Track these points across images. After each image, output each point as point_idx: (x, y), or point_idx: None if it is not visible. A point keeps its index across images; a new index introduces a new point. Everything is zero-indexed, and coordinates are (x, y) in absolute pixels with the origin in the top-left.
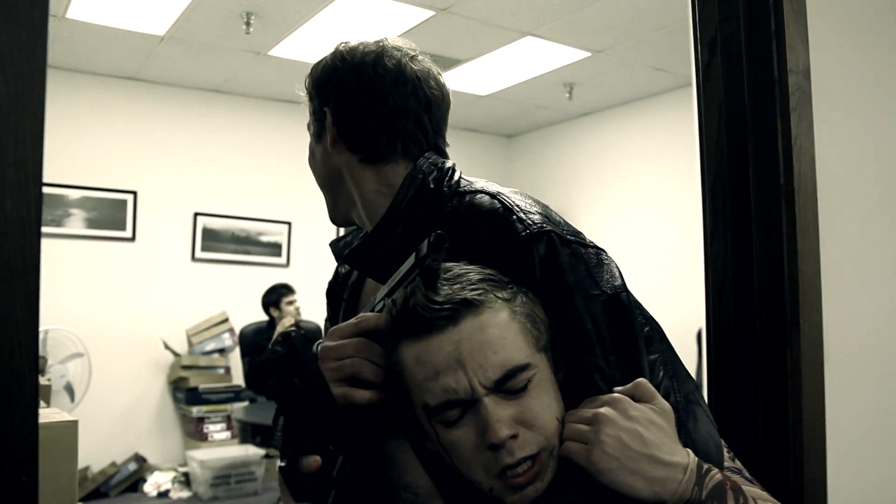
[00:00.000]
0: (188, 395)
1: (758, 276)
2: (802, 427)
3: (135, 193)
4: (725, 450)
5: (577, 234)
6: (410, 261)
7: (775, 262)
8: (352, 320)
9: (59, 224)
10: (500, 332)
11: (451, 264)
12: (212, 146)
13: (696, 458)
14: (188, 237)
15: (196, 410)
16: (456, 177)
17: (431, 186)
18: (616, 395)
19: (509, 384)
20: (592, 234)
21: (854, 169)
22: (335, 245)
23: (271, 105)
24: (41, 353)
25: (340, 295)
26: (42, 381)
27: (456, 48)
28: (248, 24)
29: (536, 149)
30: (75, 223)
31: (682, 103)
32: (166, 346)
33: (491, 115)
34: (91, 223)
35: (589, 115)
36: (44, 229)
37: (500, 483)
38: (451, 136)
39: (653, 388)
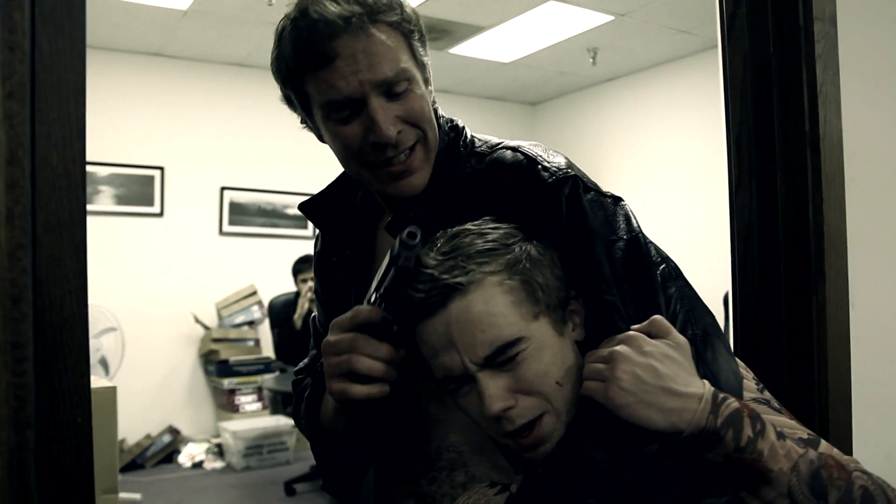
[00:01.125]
0: (219, 367)
1: (783, 224)
2: (828, 373)
3: (162, 169)
4: (754, 381)
5: (596, 185)
6: (388, 255)
7: (800, 210)
8: (347, 314)
9: (88, 201)
10: (488, 309)
11: (458, 228)
12: (237, 120)
13: (713, 389)
14: (215, 211)
15: (227, 382)
16: (469, 136)
17: (450, 147)
18: (631, 332)
19: (500, 359)
20: None
21: (881, 116)
22: (309, 207)
23: None
24: None
25: (348, 277)
26: None
27: (478, 15)
28: None
29: (561, 116)
30: (104, 200)
31: (707, 65)
32: (197, 320)
33: (514, 83)
34: (120, 199)
35: (613, 80)
36: None
37: (513, 443)
38: (474, 105)
39: (668, 324)
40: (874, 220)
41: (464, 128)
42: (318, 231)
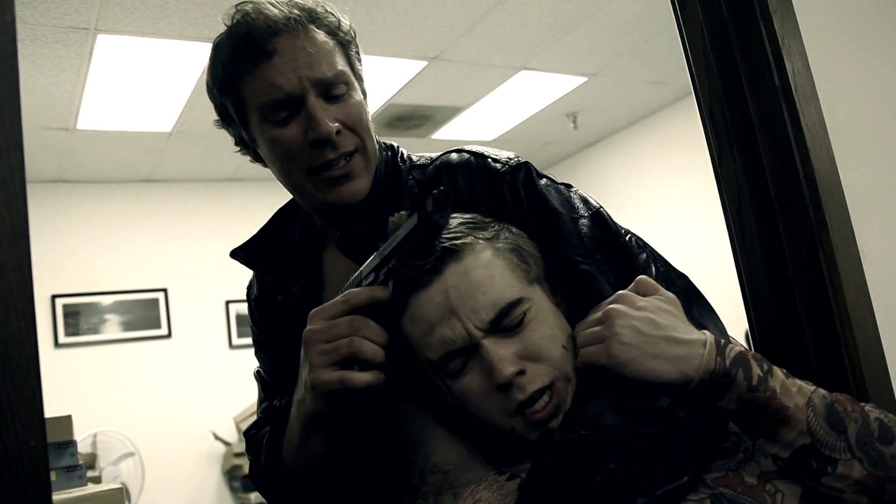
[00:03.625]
0: (244, 482)
1: (773, 183)
2: (853, 329)
3: (165, 291)
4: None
5: (546, 174)
6: (411, 223)
7: (788, 164)
8: (338, 297)
9: (96, 332)
10: (486, 272)
11: None
12: (232, 233)
13: (713, 335)
14: (223, 326)
15: (255, 497)
16: (405, 153)
17: (390, 162)
18: (621, 291)
19: (505, 322)
20: None
21: (851, 63)
22: (243, 252)
23: None
24: (93, 451)
25: (296, 313)
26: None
27: (455, 95)
28: None
29: None
30: (112, 328)
31: (685, 113)
32: (216, 437)
33: None
34: (127, 326)
35: (598, 142)
36: (82, 338)
37: (521, 421)
38: None
39: (654, 283)
40: (870, 168)
41: (399, 146)
42: (252, 279)
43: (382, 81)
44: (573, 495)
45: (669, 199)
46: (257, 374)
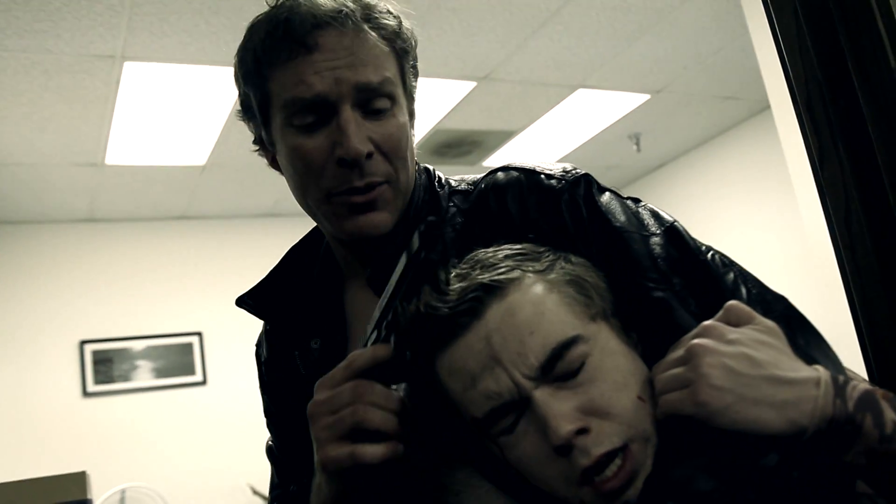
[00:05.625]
0: None
1: (890, 185)
2: None
3: (200, 334)
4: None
5: (610, 188)
6: (401, 265)
7: None
8: (341, 364)
9: (126, 379)
10: (535, 308)
11: (475, 252)
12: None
13: (828, 371)
14: None
15: None
16: (441, 176)
17: (428, 188)
18: (706, 323)
19: (560, 366)
20: None
21: None
22: (248, 301)
23: None
24: None
25: (316, 375)
26: None
27: (507, 118)
28: None
29: None
30: (143, 375)
31: (760, 129)
32: (254, 492)
33: None
34: (159, 372)
35: (663, 165)
36: (112, 386)
37: (590, 493)
38: None
39: (748, 309)
40: None
41: (434, 170)
42: (261, 335)
43: (428, 105)
44: None
45: (744, 225)
46: (269, 451)
